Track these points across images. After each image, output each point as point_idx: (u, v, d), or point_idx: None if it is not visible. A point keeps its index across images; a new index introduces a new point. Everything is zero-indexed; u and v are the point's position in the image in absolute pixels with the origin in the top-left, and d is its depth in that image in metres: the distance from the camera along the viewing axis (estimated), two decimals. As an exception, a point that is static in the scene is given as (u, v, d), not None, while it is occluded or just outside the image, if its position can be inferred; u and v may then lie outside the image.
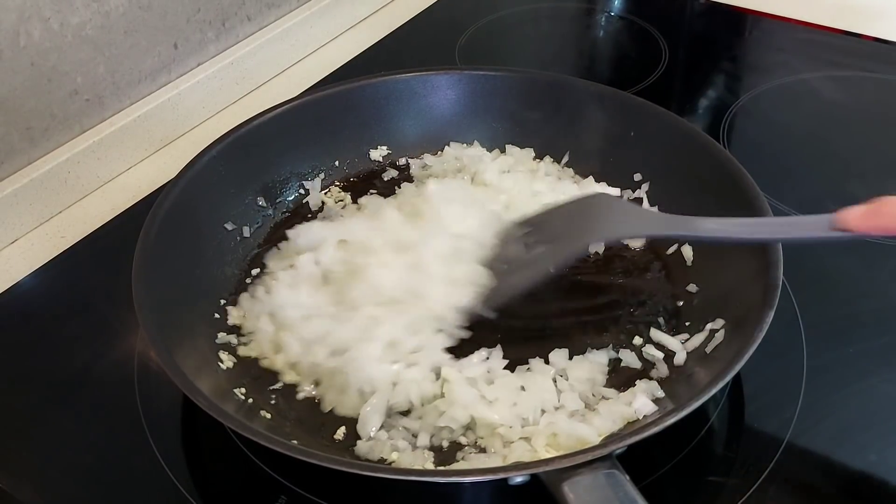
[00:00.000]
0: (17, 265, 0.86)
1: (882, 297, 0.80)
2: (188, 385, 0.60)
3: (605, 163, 0.89)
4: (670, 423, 0.57)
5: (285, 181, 0.89)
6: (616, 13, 1.30)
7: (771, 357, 0.69)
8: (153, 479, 0.66)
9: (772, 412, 0.69)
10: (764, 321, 0.62)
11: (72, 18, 0.89)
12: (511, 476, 0.56)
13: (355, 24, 1.25)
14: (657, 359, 0.72)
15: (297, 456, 0.57)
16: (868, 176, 0.94)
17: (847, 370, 0.73)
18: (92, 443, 0.69)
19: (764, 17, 1.23)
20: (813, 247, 0.84)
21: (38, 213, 0.90)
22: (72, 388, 0.73)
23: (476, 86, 0.92)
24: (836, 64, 1.11)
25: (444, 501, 0.67)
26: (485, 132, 0.93)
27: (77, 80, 0.92)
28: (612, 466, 0.55)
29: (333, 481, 0.64)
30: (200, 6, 1.03)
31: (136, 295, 0.66)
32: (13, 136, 0.88)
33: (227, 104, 1.08)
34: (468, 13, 1.25)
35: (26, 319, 0.80)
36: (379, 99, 0.92)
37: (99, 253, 0.87)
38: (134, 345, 0.76)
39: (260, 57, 1.11)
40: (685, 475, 0.65)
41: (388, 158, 0.94)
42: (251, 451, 0.67)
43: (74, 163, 0.92)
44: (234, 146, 0.83)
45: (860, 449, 0.67)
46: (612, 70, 1.21)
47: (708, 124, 1.01)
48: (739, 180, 0.75)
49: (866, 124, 1.03)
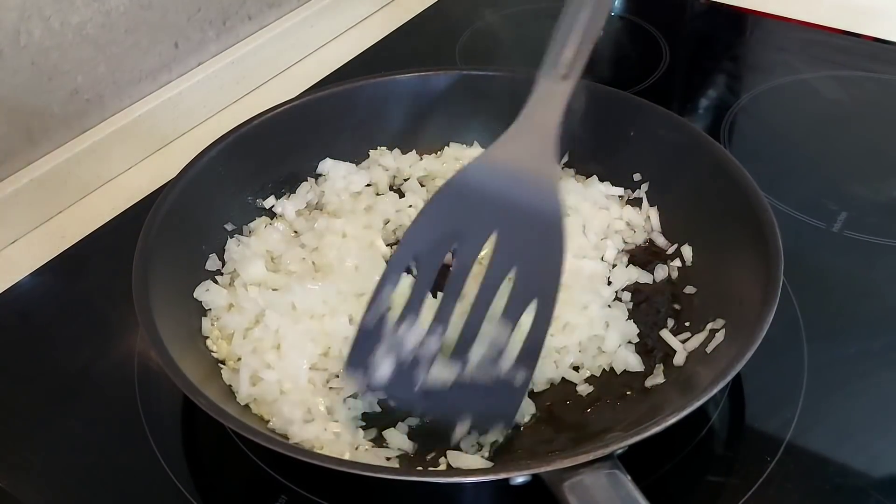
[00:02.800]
0: (17, 265, 0.86)
1: (882, 297, 0.80)
2: (188, 385, 0.60)
3: (605, 163, 0.89)
4: (671, 423, 0.57)
5: (285, 181, 0.88)
6: (616, 13, 1.29)
7: (771, 357, 0.69)
8: (153, 479, 0.66)
9: (772, 412, 0.69)
10: (764, 321, 0.62)
11: (72, 17, 0.89)
12: (512, 476, 0.56)
13: (355, 24, 1.25)
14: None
15: (297, 456, 0.57)
16: (868, 176, 0.94)
17: (847, 370, 0.73)
18: (92, 443, 0.69)
19: (764, 17, 1.23)
20: (813, 246, 0.84)
21: (38, 213, 0.90)
22: (72, 388, 0.73)
23: (476, 86, 0.92)
24: (836, 64, 1.11)
25: (444, 501, 0.67)
26: (485, 132, 0.93)
27: (78, 80, 0.92)
28: (614, 466, 0.55)
29: (333, 481, 0.64)
30: (201, 5, 1.03)
31: (136, 295, 0.66)
32: (13, 136, 0.88)
33: (227, 104, 1.08)
34: (468, 13, 1.25)
35: (26, 319, 0.80)
36: (379, 99, 0.91)
37: (99, 253, 0.87)
38: (134, 345, 0.76)
39: (260, 56, 1.11)
40: (686, 475, 0.65)
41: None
42: (251, 451, 0.67)
43: (75, 163, 0.92)
44: (234, 146, 0.82)
45: (860, 449, 0.67)
46: (612, 70, 1.21)
47: (708, 124, 1.01)
48: (739, 180, 0.75)
49: (866, 124, 1.03)
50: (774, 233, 0.69)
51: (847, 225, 0.86)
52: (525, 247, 0.64)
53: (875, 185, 0.93)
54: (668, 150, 0.83)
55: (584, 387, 0.71)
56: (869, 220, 0.87)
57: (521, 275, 0.63)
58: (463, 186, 0.68)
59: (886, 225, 0.86)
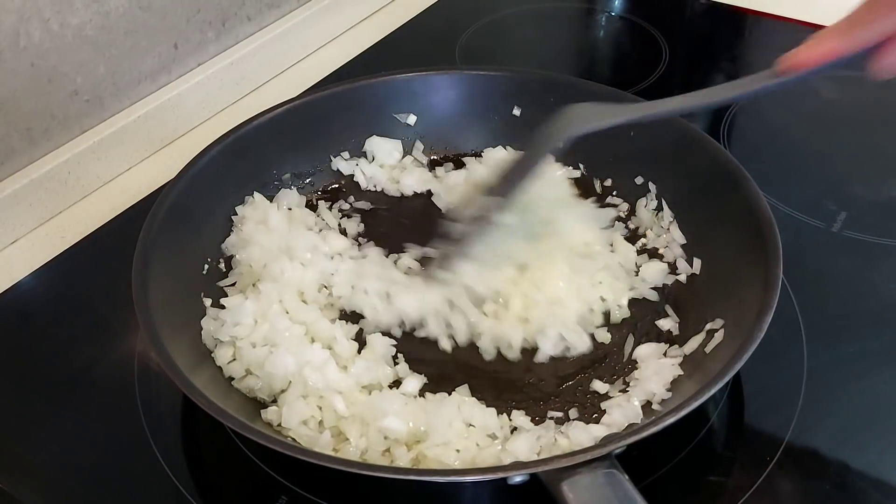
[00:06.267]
0: (17, 265, 0.86)
1: (882, 297, 0.79)
2: (188, 385, 0.60)
3: (605, 163, 0.89)
4: (670, 423, 0.57)
5: (285, 181, 0.89)
6: (616, 13, 1.29)
7: (771, 357, 0.69)
8: (153, 479, 0.66)
9: (772, 412, 0.69)
10: (764, 321, 0.62)
11: (72, 19, 0.89)
12: (510, 475, 0.56)
13: (355, 24, 1.25)
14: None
15: (297, 456, 0.57)
16: (868, 176, 0.94)
17: (847, 370, 0.73)
18: (92, 443, 0.69)
19: (764, 17, 1.23)
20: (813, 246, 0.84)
21: (38, 213, 0.90)
22: (72, 388, 0.73)
23: (476, 86, 0.92)
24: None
25: (444, 500, 0.67)
26: (485, 132, 0.93)
27: (77, 81, 0.92)
28: (612, 466, 0.55)
29: (333, 481, 0.64)
30: (200, 6, 1.03)
31: (135, 295, 0.66)
32: (13, 137, 0.88)
33: (227, 104, 1.08)
34: (468, 13, 1.25)
35: (26, 319, 0.80)
36: (379, 99, 0.92)
37: (99, 253, 0.87)
38: (134, 345, 0.76)
39: (260, 57, 1.11)
40: (685, 475, 0.65)
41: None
42: (251, 451, 0.67)
43: (74, 163, 0.92)
44: (234, 146, 0.83)
45: (860, 449, 0.67)
46: (612, 70, 1.21)
47: (708, 124, 1.01)
48: (739, 180, 0.75)
49: (866, 124, 1.03)
50: (774, 233, 0.69)
51: (847, 225, 0.86)
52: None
53: (875, 185, 0.92)
54: (669, 150, 0.83)
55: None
56: (868, 220, 0.87)
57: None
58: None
59: (886, 225, 0.86)
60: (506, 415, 0.68)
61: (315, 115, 0.89)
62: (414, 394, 0.70)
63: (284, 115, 0.87)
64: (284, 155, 0.88)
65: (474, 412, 0.67)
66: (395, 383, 0.71)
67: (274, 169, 0.87)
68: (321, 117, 0.89)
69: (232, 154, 0.82)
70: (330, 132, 0.90)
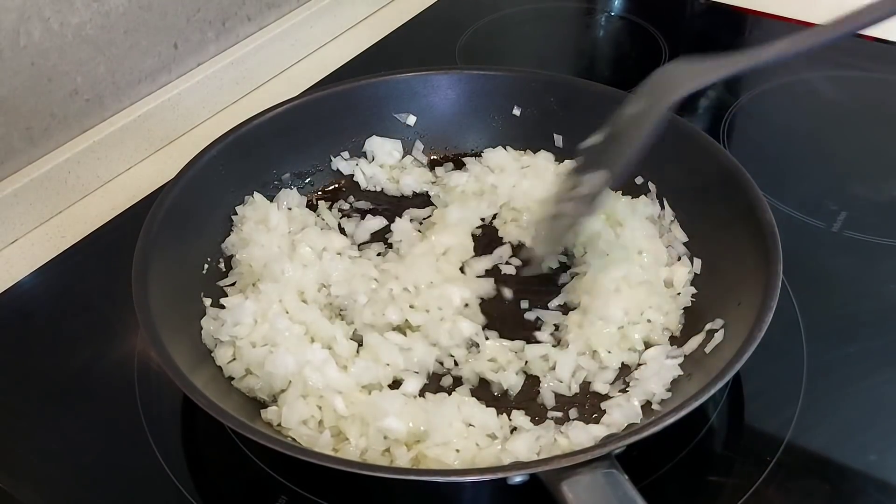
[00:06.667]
0: (17, 265, 0.86)
1: (882, 297, 0.80)
2: (188, 385, 0.60)
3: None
4: (670, 423, 0.57)
5: (285, 181, 0.89)
6: (616, 13, 1.29)
7: (771, 357, 0.69)
8: (153, 479, 0.66)
9: (772, 412, 0.69)
10: (764, 321, 0.62)
11: (72, 18, 0.89)
12: (510, 476, 0.56)
13: (355, 24, 1.25)
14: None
15: (297, 456, 0.57)
16: (868, 176, 0.94)
17: (847, 370, 0.73)
18: (92, 443, 0.69)
19: (764, 17, 1.23)
20: (813, 246, 0.84)
21: (38, 213, 0.90)
22: (72, 388, 0.73)
23: (476, 86, 0.92)
24: (836, 64, 1.11)
25: (444, 500, 0.67)
26: (485, 132, 0.93)
27: (77, 80, 0.92)
28: (611, 466, 0.55)
29: (333, 481, 0.64)
30: (200, 6, 1.03)
31: (136, 295, 0.66)
32: (13, 136, 0.88)
33: (227, 104, 1.08)
34: (468, 13, 1.25)
35: (26, 319, 0.80)
36: (379, 99, 0.91)
37: (99, 253, 0.87)
38: (134, 345, 0.76)
39: (260, 57, 1.11)
40: (685, 475, 0.65)
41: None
42: (251, 451, 0.67)
43: (74, 163, 0.92)
44: (234, 146, 0.83)
45: (860, 449, 0.67)
46: (612, 70, 1.21)
47: (708, 124, 1.01)
48: (739, 180, 0.75)
49: (866, 124, 1.03)
50: (774, 233, 0.69)
51: (847, 225, 0.86)
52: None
53: (875, 185, 0.92)
54: (669, 150, 0.83)
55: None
56: (869, 220, 0.87)
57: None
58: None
59: (886, 225, 0.86)
60: (505, 415, 0.68)
61: (315, 115, 0.89)
62: (414, 394, 0.70)
63: (284, 114, 0.87)
64: (284, 155, 0.88)
65: (474, 412, 0.67)
66: (394, 383, 0.71)
67: (274, 169, 0.87)
68: (321, 117, 0.89)
69: (232, 154, 0.82)
70: (330, 132, 0.90)
